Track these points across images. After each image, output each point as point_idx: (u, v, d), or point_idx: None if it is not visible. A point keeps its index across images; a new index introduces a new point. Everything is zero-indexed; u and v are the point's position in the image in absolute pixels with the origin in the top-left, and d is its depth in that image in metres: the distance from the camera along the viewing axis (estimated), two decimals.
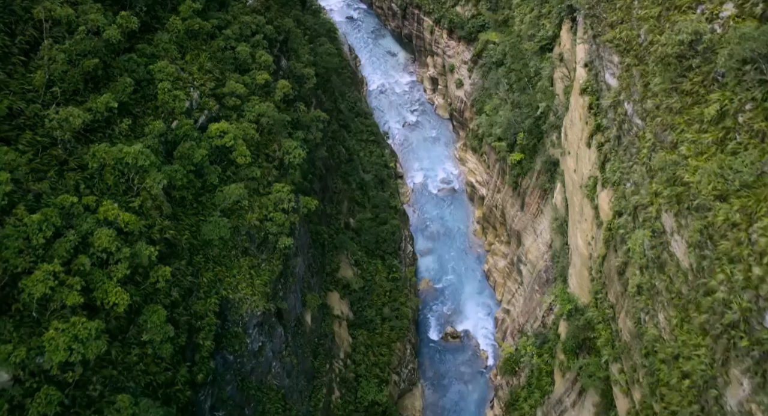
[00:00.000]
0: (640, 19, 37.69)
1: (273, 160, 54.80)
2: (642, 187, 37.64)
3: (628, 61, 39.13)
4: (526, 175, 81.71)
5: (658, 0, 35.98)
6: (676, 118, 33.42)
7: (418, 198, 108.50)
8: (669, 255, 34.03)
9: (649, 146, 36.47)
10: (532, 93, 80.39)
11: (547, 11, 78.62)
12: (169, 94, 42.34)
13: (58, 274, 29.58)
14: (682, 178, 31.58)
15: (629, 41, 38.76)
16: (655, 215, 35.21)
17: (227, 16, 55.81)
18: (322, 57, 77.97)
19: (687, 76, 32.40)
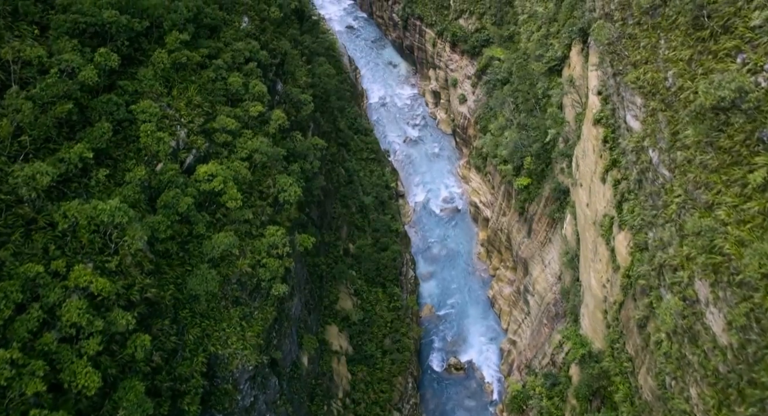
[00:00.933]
0: (668, 61, 34.24)
1: (267, 197, 51.35)
2: (670, 246, 34.19)
3: (653, 105, 35.68)
4: (534, 201, 78.28)
5: (688, 42, 32.52)
6: (711, 176, 29.97)
7: (419, 218, 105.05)
8: (704, 328, 30.60)
9: (678, 202, 33.01)
10: (539, 116, 76.97)
11: (555, 30, 75.20)
12: (152, 137, 38.89)
13: (16, 361, 26.09)
14: (722, 248, 28.13)
15: (655, 84, 35.32)
16: (686, 282, 31.76)
17: (218, 44, 52.38)
18: (321, 78, 74.56)
19: (726, 132, 28.97)
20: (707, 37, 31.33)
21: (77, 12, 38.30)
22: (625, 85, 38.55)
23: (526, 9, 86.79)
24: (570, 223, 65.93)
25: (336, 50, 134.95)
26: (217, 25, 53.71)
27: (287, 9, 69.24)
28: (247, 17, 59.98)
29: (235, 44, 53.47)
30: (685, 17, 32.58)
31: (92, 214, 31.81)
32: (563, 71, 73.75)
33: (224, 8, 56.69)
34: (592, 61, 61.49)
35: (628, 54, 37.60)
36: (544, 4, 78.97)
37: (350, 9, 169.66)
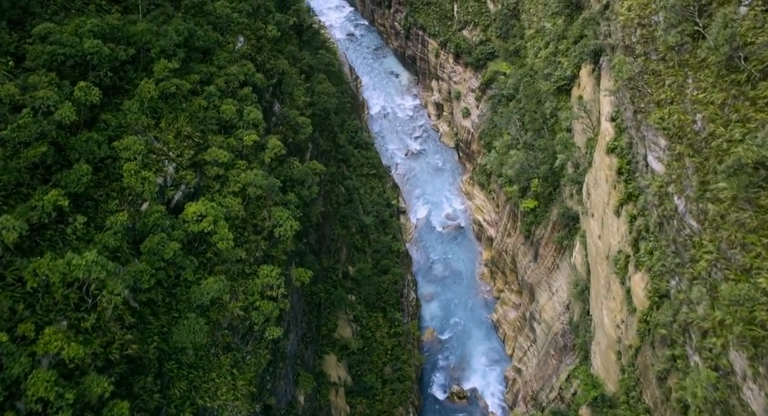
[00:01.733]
0: (697, 103, 31.31)
1: (261, 230, 48.43)
2: (699, 305, 31.26)
3: (679, 149, 32.74)
4: (540, 224, 75.34)
5: (721, 84, 29.60)
6: (749, 237, 27.05)
7: (421, 236, 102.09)
8: (740, 404, 27.68)
9: (709, 260, 30.07)
10: (547, 136, 74.05)
11: (564, 48, 72.28)
12: (136, 177, 35.97)
13: None
14: (764, 322, 25.22)
15: (682, 127, 32.38)
16: (720, 350, 28.84)
17: (211, 68, 49.45)
18: (320, 97, 71.62)
19: (767, 190, 26.10)
20: (743, 81, 28.43)
21: (56, 42, 35.37)
22: (648, 125, 35.62)
23: (533, 24, 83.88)
24: (579, 252, 63.02)
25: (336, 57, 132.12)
26: (210, 47, 50.79)
27: (285, 25, 66.33)
28: (243, 37, 57.08)
29: (228, 68, 50.54)
30: (718, 57, 29.68)
31: (65, 271, 28.86)
32: (572, 91, 70.87)
33: (218, 28, 53.77)
34: (604, 84, 58.63)
35: (651, 91, 34.68)
36: (553, 20, 76.03)
37: (351, 16, 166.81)
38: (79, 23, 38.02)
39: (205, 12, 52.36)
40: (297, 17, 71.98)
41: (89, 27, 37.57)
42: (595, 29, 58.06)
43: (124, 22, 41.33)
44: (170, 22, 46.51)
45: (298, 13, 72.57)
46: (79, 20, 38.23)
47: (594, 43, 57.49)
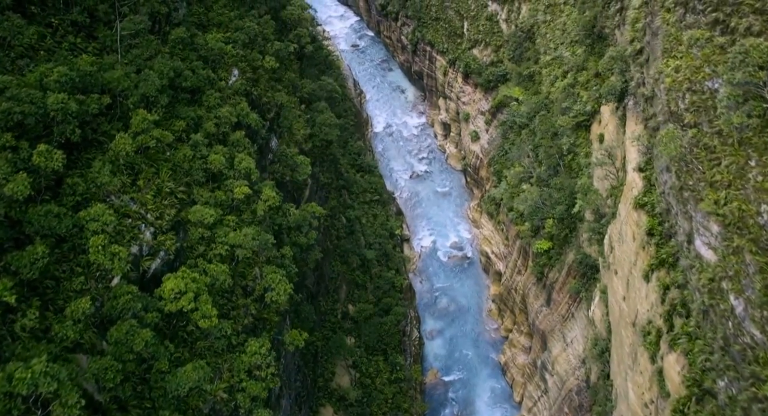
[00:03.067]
0: (762, 192, 26.42)
1: (252, 291, 43.64)
2: None
3: (738, 242, 27.82)
4: (554, 267, 70.39)
5: None
6: None
7: (425, 265, 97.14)
8: None
9: None
10: (564, 174, 69.10)
11: (584, 80, 67.33)
12: (104, 253, 31.12)
13: None
14: None
15: (742, 217, 27.47)
16: None
17: (199, 111, 44.61)
18: (321, 128, 66.75)
19: None
20: None
21: (13, 98, 30.54)
22: (697, 207, 30.68)
23: (549, 50, 78.90)
24: (599, 307, 58.09)
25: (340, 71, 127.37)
26: (200, 86, 45.94)
27: (285, 53, 61.50)
28: (237, 70, 52.27)
29: (219, 109, 45.67)
30: None
31: (4, 388, 24.04)
32: (592, 127, 66.00)
33: (210, 63, 48.94)
34: (630, 127, 53.74)
35: (703, 168, 29.75)
36: (572, 48, 71.09)
37: (357, 26, 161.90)
38: (45, 72, 33.16)
39: (196, 46, 47.51)
40: (298, 43, 67.10)
41: (56, 77, 32.74)
42: (622, 68, 53.09)
43: (98, 68, 36.44)
44: (154, 62, 41.64)
45: (299, 38, 67.69)
46: (44, 68, 33.36)
47: (621, 86, 52.49)
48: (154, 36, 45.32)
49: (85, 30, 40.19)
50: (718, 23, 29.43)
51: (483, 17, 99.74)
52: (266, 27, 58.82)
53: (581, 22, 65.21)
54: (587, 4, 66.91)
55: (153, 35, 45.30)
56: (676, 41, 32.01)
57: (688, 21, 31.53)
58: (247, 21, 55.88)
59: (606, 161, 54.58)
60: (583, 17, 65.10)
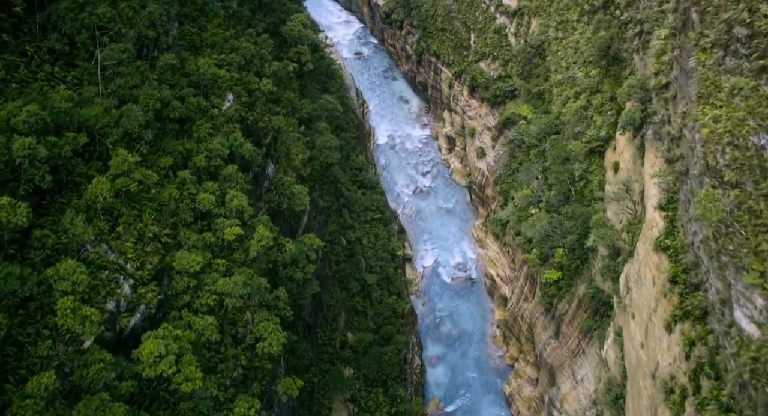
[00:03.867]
0: None
1: (241, 340, 40.42)
2: None
3: None
4: (564, 298, 67.08)
5: None
6: None
7: (428, 287, 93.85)
8: None
9: None
10: (575, 200, 65.79)
11: (599, 103, 64.02)
12: (74, 316, 27.89)
13: None
14: None
15: None
16: None
17: (189, 144, 41.36)
18: (321, 151, 63.45)
19: None
20: None
21: None
22: (738, 274, 27.35)
23: (560, 68, 75.57)
24: (613, 348, 54.78)
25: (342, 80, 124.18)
26: (190, 115, 42.69)
27: (283, 73, 58.23)
28: (232, 95, 49.00)
29: (211, 141, 42.40)
30: None
31: None
32: (606, 153, 62.68)
33: (203, 88, 45.68)
34: (650, 161, 50.45)
35: (746, 234, 26.42)
36: (585, 69, 67.73)
37: (360, 33, 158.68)
38: (13, 111, 29.91)
39: (186, 72, 44.26)
40: (298, 60, 63.83)
41: (24, 117, 29.46)
42: (642, 97, 49.74)
43: (75, 103, 33.16)
44: (140, 91, 38.38)
45: (300, 55, 64.41)
46: (12, 106, 30.10)
47: (641, 116, 49.17)
48: (142, 61, 42.09)
49: (64, 57, 36.94)
50: (765, 71, 26.16)
51: (491, 30, 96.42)
52: (264, 46, 55.53)
53: (596, 44, 61.88)
54: (602, 24, 63.60)
55: (141, 60, 42.08)
56: (715, 87, 28.74)
57: (729, 65, 28.28)
58: (243, 41, 52.64)
59: (623, 196, 51.25)
60: (598, 38, 61.74)
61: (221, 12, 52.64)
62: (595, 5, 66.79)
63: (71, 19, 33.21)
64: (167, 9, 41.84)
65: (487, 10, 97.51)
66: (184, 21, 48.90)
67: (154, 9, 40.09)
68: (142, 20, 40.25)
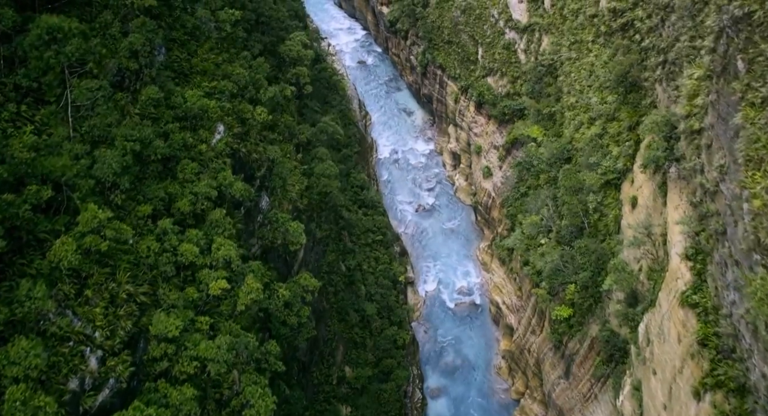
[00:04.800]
0: None
1: (226, 403, 36.72)
2: None
3: None
4: (575, 337, 63.28)
5: None
6: None
7: (430, 312, 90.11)
8: None
9: None
10: (588, 235, 62.01)
11: (615, 132, 60.20)
12: (25, 410, 24.17)
13: None
14: None
15: None
16: None
17: (173, 187, 37.69)
18: (319, 179, 59.72)
19: None
20: None
21: None
22: None
23: (573, 90, 71.71)
24: (630, 401, 50.98)
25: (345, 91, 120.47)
26: (175, 154, 39.02)
27: (280, 98, 54.56)
28: (223, 126, 45.31)
29: (197, 183, 38.70)
30: None
31: None
32: (623, 186, 58.86)
33: (190, 120, 41.99)
34: (673, 202, 46.70)
35: None
36: (600, 94, 63.90)
37: (364, 40, 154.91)
38: None
39: (172, 105, 40.57)
40: (296, 83, 60.14)
41: None
42: (666, 134, 45.96)
43: (40, 152, 29.49)
44: (117, 131, 34.68)
45: (298, 76, 60.71)
46: None
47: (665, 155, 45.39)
48: (123, 93, 38.43)
49: (32, 94, 33.22)
50: None
51: (499, 45, 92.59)
52: (259, 71, 51.83)
53: (614, 70, 58.04)
54: (620, 48, 59.73)
55: (122, 92, 38.43)
56: (767, 151, 25.02)
57: None
58: (237, 66, 48.94)
59: (643, 241, 47.45)
60: (616, 64, 57.89)
61: (214, 34, 48.94)
62: (612, 27, 62.96)
63: (35, 58, 29.50)
64: (151, 37, 38.11)
65: (496, 24, 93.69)
66: (172, 46, 45.22)
67: (136, 39, 36.41)
68: (122, 51, 36.59)
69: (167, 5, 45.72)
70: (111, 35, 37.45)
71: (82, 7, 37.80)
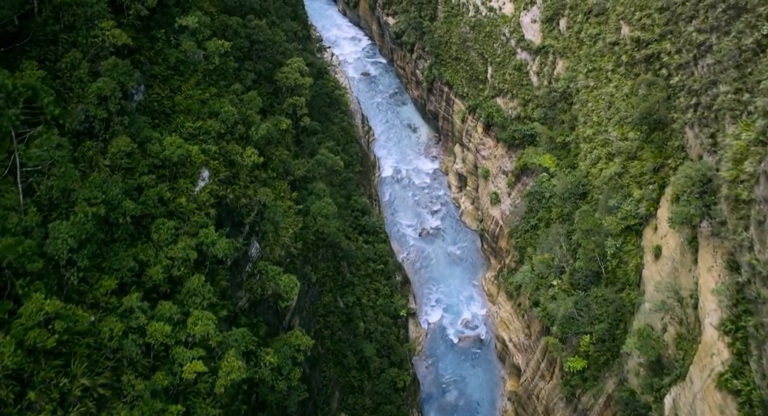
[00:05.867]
0: None
1: None
2: None
3: None
4: (589, 390, 58.58)
5: None
6: None
7: (432, 346, 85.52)
8: None
9: None
10: (607, 281, 57.36)
11: (637, 172, 55.55)
12: None
13: None
14: None
15: None
16: None
17: (145, 252, 33.13)
18: (315, 219, 55.13)
19: None
20: None
21: None
22: None
23: (590, 121, 66.99)
24: None
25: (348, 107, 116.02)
26: (149, 211, 34.50)
27: (274, 133, 50.04)
28: (208, 171, 40.78)
29: (173, 247, 34.15)
30: None
31: None
32: (645, 232, 54.25)
33: (169, 168, 37.47)
34: (706, 262, 42.10)
35: None
36: (621, 129, 59.26)
37: (369, 50, 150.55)
38: None
39: (151, 154, 36.06)
40: (293, 113, 55.63)
41: None
42: (702, 189, 41.26)
43: None
44: (79, 194, 30.13)
45: (296, 106, 56.17)
46: None
47: (699, 213, 40.69)
48: (92, 141, 33.96)
49: None
50: None
51: (510, 65, 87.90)
52: (251, 106, 47.29)
53: (638, 107, 53.36)
54: (644, 82, 55.03)
55: (90, 141, 33.96)
56: None
57: None
58: (225, 102, 44.37)
59: (671, 307, 42.76)
60: (641, 101, 53.19)
61: (201, 66, 44.38)
62: (635, 57, 58.29)
63: None
64: (124, 81, 33.60)
65: (507, 43, 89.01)
66: (153, 83, 40.72)
67: (105, 84, 31.94)
68: (90, 97, 32.09)
69: (148, 37, 41.28)
70: (78, 78, 32.94)
71: (46, 46, 33.36)
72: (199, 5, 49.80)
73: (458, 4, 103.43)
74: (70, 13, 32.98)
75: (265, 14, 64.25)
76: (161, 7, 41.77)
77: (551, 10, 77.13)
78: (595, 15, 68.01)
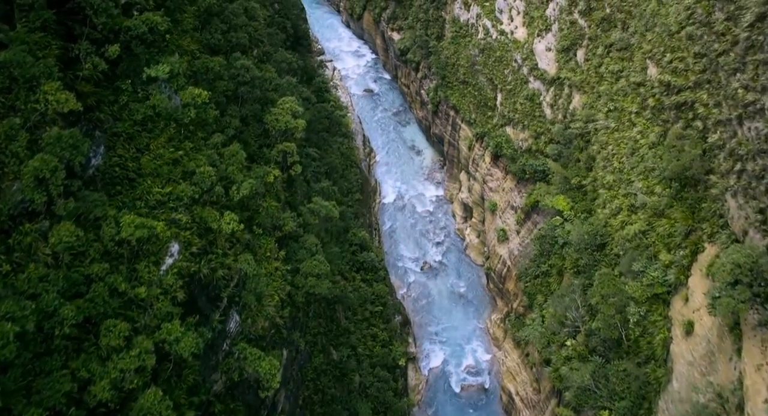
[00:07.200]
0: None
1: None
2: None
3: None
4: None
5: None
6: None
7: (433, 395, 79.74)
8: None
9: None
10: (629, 352, 51.60)
11: (666, 232, 49.76)
12: None
13: None
14: None
15: None
16: None
17: (88, 367, 27.48)
18: (306, 280, 49.39)
19: None
20: None
21: None
22: None
23: (611, 167, 61.15)
24: None
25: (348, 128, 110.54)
26: (99, 310, 28.88)
27: (260, 187, 44.43)
28: (178, 245, 35.17)
29: (125, 355, 28.52)
30: None
31: None
32: (673, 302, 48.50)
33: (128, 248, 31.86)
34: (753, 358, 36.32)
35: None
36: (647, 181, 53.49)
37: (372, 64, 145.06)
38: None
39: (102, 236, 30.45)
40: (283, 160, 50.04)
41: None
42: (751, 276, 35.50)
43: None
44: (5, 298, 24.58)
45: (285, 154, 50.52)
46: None
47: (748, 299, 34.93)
48: (31, 224, 28.40)
49: None
50: None
51: (522, 94, 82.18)
52: (233, 161, 41.64)
53: (671, 164, 47.53)
54: (675, 132, 49.24)
55: (29, 224, 28.40)
56: None
57: None
58: (202, 160, 38.78)
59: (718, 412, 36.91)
60: (672, 158, 47.38)
61: (178, 112, 38.69)
62: (663, 103, 52.52)
63: None
64: (70, 156, 28.03)
65: (519, 70, 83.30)
66: (116, 142, 35.13)
67: (41, 163, 26.33)
68: (26, 179, 26.55)
69: (112, 89, 35.72)
70: (13, 153, 27.38)
71: None
72: (179, 43, 44.29)
73: (467, 24, 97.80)
74: (5, 75, 27.39)
75: (256, 45, 58.66)
76: (128, 54, 36.21)
77: (568, 40, 71.33)
78: (617, 50, 62.22)
